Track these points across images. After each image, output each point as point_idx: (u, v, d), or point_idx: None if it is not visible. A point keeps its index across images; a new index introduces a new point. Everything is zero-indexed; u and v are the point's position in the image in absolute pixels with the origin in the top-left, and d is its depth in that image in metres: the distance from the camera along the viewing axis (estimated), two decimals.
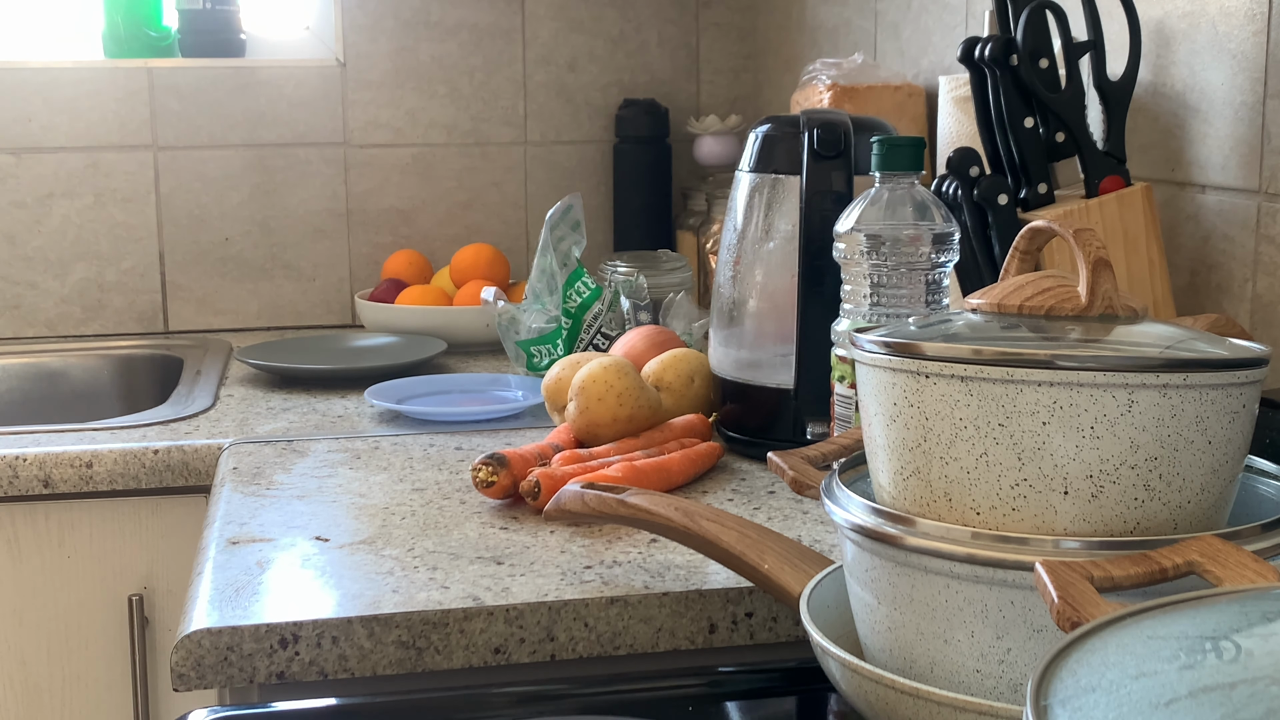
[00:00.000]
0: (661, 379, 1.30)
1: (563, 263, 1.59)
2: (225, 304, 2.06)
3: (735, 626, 0.94)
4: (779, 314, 1.22)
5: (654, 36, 2.16)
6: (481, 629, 0.90)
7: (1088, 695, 0.42)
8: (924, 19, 1.63)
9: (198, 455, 1.36)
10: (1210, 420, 0.63)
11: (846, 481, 0.72)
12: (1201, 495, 0.64)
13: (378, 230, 2.10)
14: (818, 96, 1.54)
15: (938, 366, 0.64)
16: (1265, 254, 1.08)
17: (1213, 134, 1.13)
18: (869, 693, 0.66)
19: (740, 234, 1.25)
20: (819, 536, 1.04)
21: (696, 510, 0.87)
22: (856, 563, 0.70)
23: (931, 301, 1.05)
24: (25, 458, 1.34)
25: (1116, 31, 1.15)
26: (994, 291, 0.71)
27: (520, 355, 1.61)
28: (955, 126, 1.34)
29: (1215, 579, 0.58)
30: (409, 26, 2.08)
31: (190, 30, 2.04)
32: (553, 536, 1.04)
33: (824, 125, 1.18)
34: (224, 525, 1.08)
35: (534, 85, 2.12)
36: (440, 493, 1.16)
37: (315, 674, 0.89)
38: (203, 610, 0.91)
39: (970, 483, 0.64)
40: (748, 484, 1.18)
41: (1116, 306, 0.69)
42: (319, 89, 2.05)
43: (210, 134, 2.03)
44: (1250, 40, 1.08)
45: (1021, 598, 0.62)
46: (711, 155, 2.08)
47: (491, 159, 2.13)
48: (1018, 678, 0.64)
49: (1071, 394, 0.62)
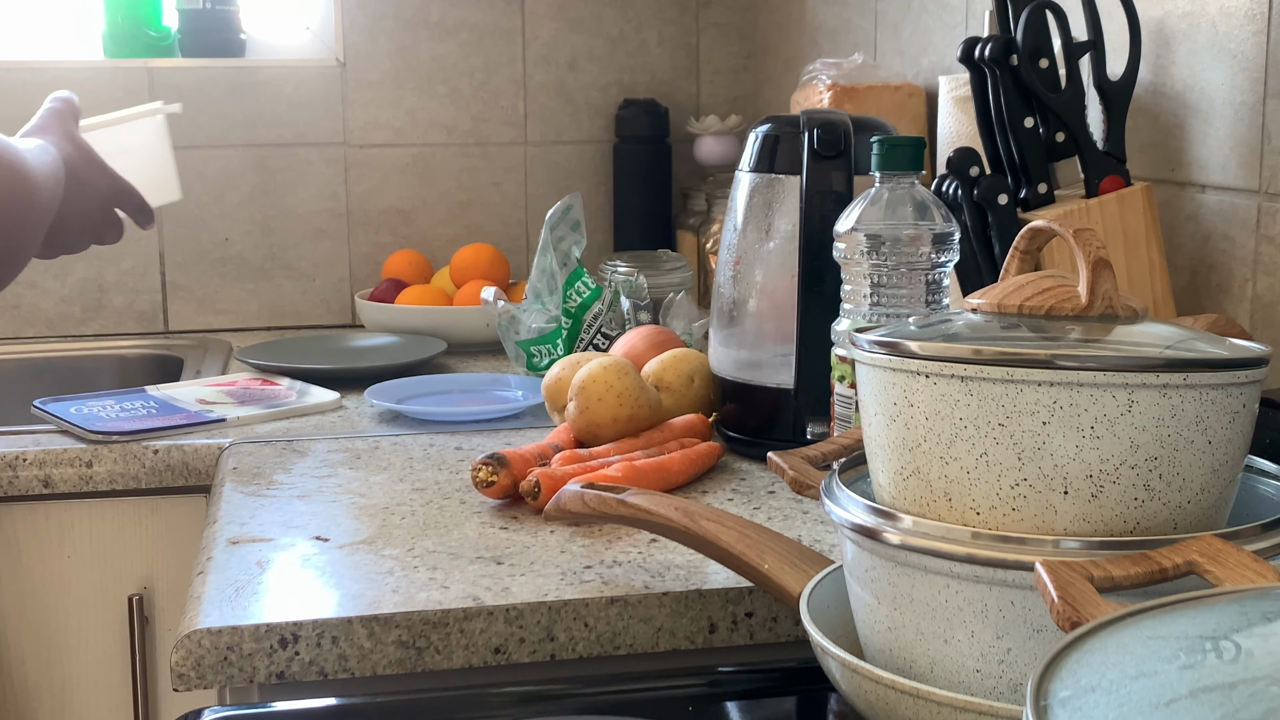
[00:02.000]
0: (661, 379, 1.30)
1: (563, 263, 1.59)
2: (225, 304, 2.06)
3: (735, 626, 0.94)
4: (779, 314, 1.22)
5: (654, 36, 2.16)
6: (481, 629, 0.90)
7: (1088, 695, 0.42)
8: (924, 19, 1.63)
9: (198, 455, 1.36)
10: (1210, 420, 0.63)
11: (846, 481, 0.72)
12: (1201, 495, 0.64)
13: (378, 230, 2.10)
14: (818, 96, 1.54)
15: (938, 366, 0.64)
16: (1265, 254, 1.08)
17: (1213, 134, 1.13)
18: (869, 693, 0.66)
19: (740, 234, 1.25)
20: (819, 536, 1.04)
21: (696, 510, 0.87)
22: (856, 563, 0.70)
23: (931, 301, 1.05)
24: (25, 458, 1.34)
25: (1116, 31, 1.15)
26: (994, 291, 0.71)
27: (520, 355, 1.61)
28: (955, 126, 1.34)
29: (1215, 579, 0.58)
30: (409, 26, 2.08)
31: (190, 30, 2.04)
32: (553, 536, 1.04)
33: (824, 125, 1.18)
34: (224, 525, 1.08)
35: (534, 85, 2.12)
36: (440, 493, 1.16)
37: (315, 674, 0.89)
38: (203, 610, 0.90)
39: (970, 483, 0.64)
40: (748, 484, 1.18)
41: (1116, 306, 0.69)
42: (319, 89, 2.06)
43: (210, 134, 2.03)
44: (1250, 40, 1.08)
45: (1021, 598, 0.62)
46: (711, 155, 2.08)
47: (491, 159, 2.13)
48: (1018, 678, 0.64)
49: (1071, 394, 0.62)
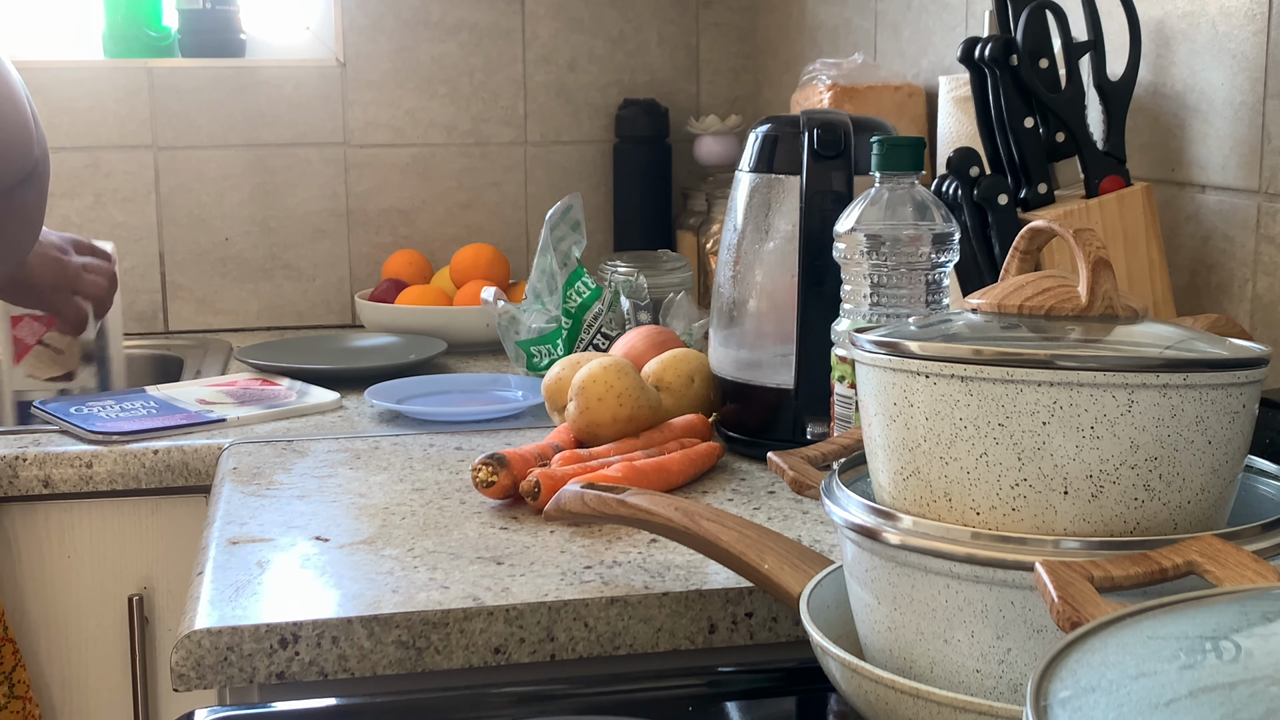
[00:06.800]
0: (661, 379, 1.30)
1: (563, 263, 1.59)
2: (225, 304, 2.06)
3: (735, 626, 0.94)
4: (779, 314, 1.22)
5: (654, 36, 2.16)
6: (481, 629, 0.90)
7: (1088, 695, 0.42)
8: (924, 19, 1.63)
9: (197, 455, 1.36)
10: (1210, 420, 0.63)
11: (846, 481, 0.72)
12: (1201, 495, 0.64)
13: (378, 230, 2.10)
14: (818, 96, 1.54)
15: (937, 366, 0.64)
16: (1265, 254, 1.08)
17: (1213, 134, 1.13)
18: (869, 693, 0.66)
19: (740, 234, 1.25)
20: (819, 536, 1.04)
21: (696, 510, 0.87)
22: (856, 563, 0.70)
23: (931, 301, 1.05)
24: (25, 458, 1.34)
25: (1116, 31, 1.15)
26: (994, 291, 0.71)
27: (520, 355, 1.61)
28: (955, 126, 1.34)
29: (1215, 579, 0.58)
30: (409, 26, 2.08)
31: (190, 30, 2.04)
32: (553, 536, 1.04)
33: (824, 125, 1.18)
34: (224, 525, 1.08)
35: (534, 85, 2.12)
36: (440, 493, 1.16)
37: (315, 674, 0.89)
38: (203, 610, 0.90)
39: (970, 483, 0.64)
40: (748, 484, 1.18)
41: (1116, 306, 0.69)
42: (319, 89, 2.05)
43: (210, 134, 2.03)
44: (1250, 40, 1.08)
45: (1021, 598, 0.62)
46: (711, 155, 2.08)
47: (491, 159, 2.13)
48: (1018, 678, 0.64)
49: (1071, 394, 0.62)
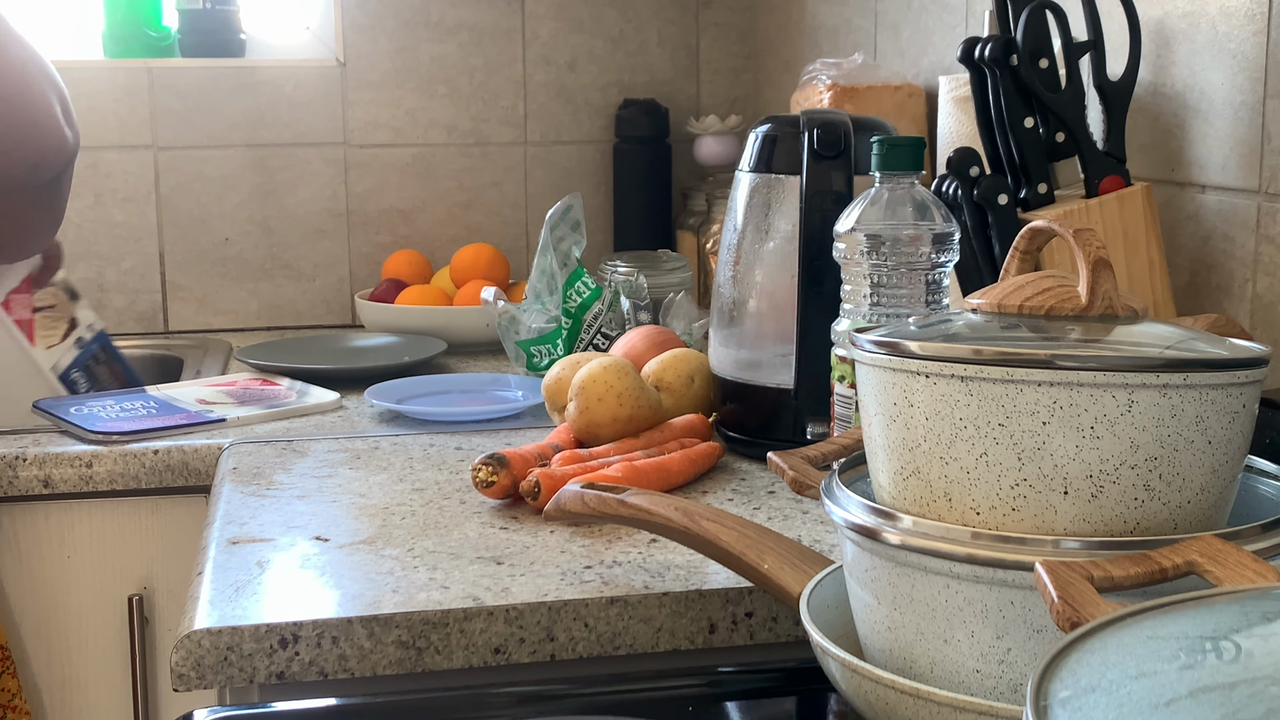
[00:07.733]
0: (661, 379, 1.30)
1: (563, 263, 1.59)
2: (225, 304, 2.06)
3: (735, 626, 0.94)
4: (779, 314, 1.22)
5: (654, 36, 2.16)
6: (481, 629, 0.90)
7: (1088, 695, 0.42)
8: (924, 19, 1.63)
9: (197, 455, 1.36)
10: (1210, 420, 0.63)
11: (846, 481, 0.72)
12: (1201, 495, 0.64)
13: (378, 230, 2.10)
14: (818, 96, 1.54)
15: (937, 366, 0.64)
16: (1265, 254, 1.08)
17: (1213, 134, 1.13)
18: (869, 693, 0.66)
19: (740, 234, 1.25)
20: (819, 536, 1.04)
21: (696, 510, 0.87)
22: (856, 563, 0.70)
23: (931, 301, 1.05)
24: (25, 458, 1.34)
25: (1116, 31, 1.15)
26: (994, 291, 0.71)
27: (520, 355, 1.61)
28: (955, 126, 1.34)
29: (1215, 579, 0.57)
30: (409, 26, 2.08)
31: (190, 30, 2.04)
32: (553, 536, 1.04)
33: (824, 125, 1.18)
34: (224, 525, 1.08)
35: (534, 85, 2.12)
36: (440, 493, 1.16)
37: (315, 674, 0.89)
38: (203, 610, 0.90)
39: (970, 483, 0.64)
40: (748, 484, 1.18)
41: (1116, 306, 0.69)
42: (319, 89, 2.05)
43: (210, 134, 2.03)
44: (1250, 40, 1.08)
45: (1021, 598, 0.62)
46: (711, 155, 2.08)
47: (491, 159, 2.13)
48: (1018, 678, 0.64)
49: (1071, 394, 0.62)
